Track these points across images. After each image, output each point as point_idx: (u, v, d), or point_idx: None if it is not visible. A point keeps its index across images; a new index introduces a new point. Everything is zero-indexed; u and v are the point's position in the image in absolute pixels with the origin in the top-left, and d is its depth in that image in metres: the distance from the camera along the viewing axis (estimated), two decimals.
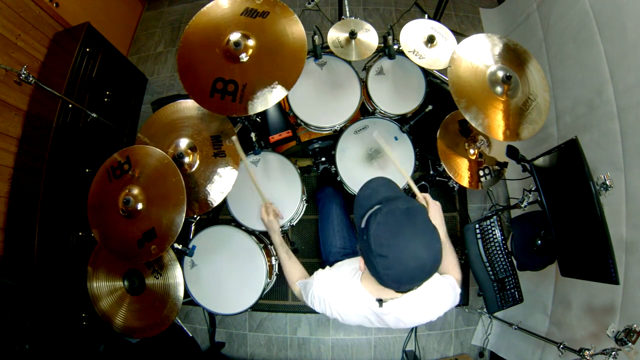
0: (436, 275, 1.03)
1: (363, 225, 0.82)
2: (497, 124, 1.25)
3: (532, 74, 1.34)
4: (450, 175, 1.49)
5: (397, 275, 0.78)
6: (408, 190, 1.57)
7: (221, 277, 1.44)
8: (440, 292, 1.04)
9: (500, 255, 1.62)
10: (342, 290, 1.03)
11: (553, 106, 1.85)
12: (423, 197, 1.20)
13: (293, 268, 1.26)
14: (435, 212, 1.17)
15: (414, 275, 0.78)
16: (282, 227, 1.52)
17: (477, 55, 1.32)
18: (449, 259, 1.16)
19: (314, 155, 1.78)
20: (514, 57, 1.35)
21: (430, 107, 1.55)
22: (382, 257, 0.77)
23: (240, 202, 1.51)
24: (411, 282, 0.79)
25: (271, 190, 1.54)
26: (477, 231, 1.65)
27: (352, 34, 1.47)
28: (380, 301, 0.94)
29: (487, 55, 1.33)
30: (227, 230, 1.48)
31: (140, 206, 1.18)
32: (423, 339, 2.19)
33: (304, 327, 2.22)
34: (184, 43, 1.19)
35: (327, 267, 1.14)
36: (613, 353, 1.19)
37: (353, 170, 1.58)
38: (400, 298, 0.93)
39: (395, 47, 1.57)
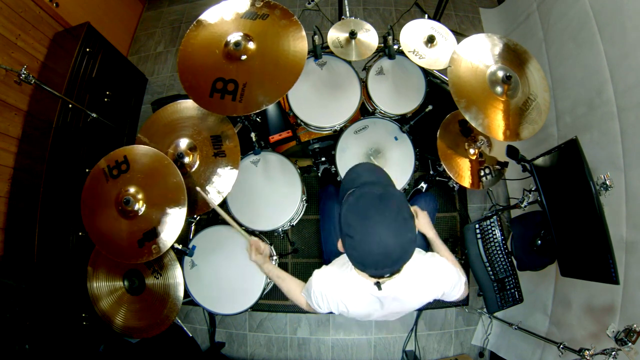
0: (429, 254, 1.07)
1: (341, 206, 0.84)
2: (497, 124, 1.25)
3: (532, 74, 1.34)
4: (451, 175, 1.49)
5: (361, 258, 0.79)
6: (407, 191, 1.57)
7: (221, 277, 1.44)
8: (435, 270, 1.04)
9: (500, 255, 1.62)
10: (341, 282, 1.04)
11: (553, 106, 1.85)
12: (413, 210, 1.26)
13: (292, 284, 1.22)
14: (425, 222, 1.28)
15: (377, 260, 0.77)
16: (282, 226, 1.52)
17: (477, 55, 1.32)
18: (445, 254, 1.18)
19: (314, 155, 1.78)
20: (514, 57, 1.35)
21: (430, 107, 1.56)
22: (349, 237, 0.79)
23: (240, 202, 1.51)
24: (376, 267, 0.78)
25: (271, 191, 1.54)
26: (477, 231, 1.65)
27: (352, 34, 1.47)
28: (378, 284, 0.93)
29: (487, 55, 1.33)
30: (227, 231, 1.48)
31: (140, 206, 1.18)
32: (423, 339, 2.18)
33: (304, 327, 2.22)
34: (185, 44, 1.20)
35: (324, 266, 1.14)
36: (613, 353, 1.19)
37: None
38: (397, 278, 0.90)
39: (395, 47, 1.57)
